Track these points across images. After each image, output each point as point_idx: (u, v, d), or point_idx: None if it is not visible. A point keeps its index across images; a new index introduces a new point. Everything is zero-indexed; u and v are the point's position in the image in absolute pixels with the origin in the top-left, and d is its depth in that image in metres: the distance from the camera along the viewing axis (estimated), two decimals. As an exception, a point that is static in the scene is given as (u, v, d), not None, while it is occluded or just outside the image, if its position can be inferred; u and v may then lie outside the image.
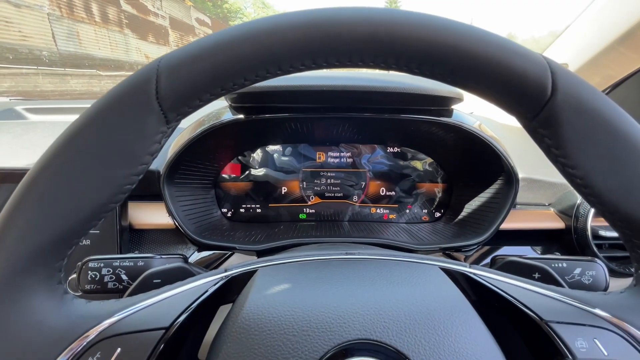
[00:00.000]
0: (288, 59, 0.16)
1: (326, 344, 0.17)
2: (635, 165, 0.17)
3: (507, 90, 0.17)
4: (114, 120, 0.16)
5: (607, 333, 0.19)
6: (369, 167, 0.52)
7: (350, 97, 0.38)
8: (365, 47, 0.16)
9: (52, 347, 0.17)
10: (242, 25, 0.17)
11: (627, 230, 0.19)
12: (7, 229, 0.16)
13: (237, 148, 0.49)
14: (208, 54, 0.16)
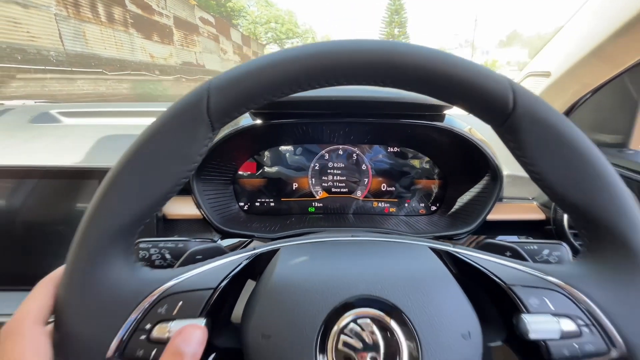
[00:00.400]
0: (305, 81, 0.22)
1: (336, 298, 0.23)
2: (578, 164, 0.22)
3: (479, 104, 0.23)
4: (175, 130, 0.22)
5: (555, 294, 0.24)
6: (371, 166, 0.57)
7: (355, 105, 0.44)
8: (376, 72, 0.22)
9: (132, 300, 0.23)
10: (271, 55, 0.22)
11: (573, 214, 0.24)
12: (98, 214, 0.22)
13: (253, 148, 0.55)
14: (245, 79, 0.22)
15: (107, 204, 0.22)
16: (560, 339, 0.23)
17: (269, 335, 0.22)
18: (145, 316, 0.22)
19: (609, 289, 0.23)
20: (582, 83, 0.49)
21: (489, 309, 0.27)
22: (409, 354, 0.21)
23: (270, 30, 28.42)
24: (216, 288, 0.24)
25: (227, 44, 17.91)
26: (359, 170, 0.57)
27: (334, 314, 0.22)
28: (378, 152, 0.57)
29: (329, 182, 0.57)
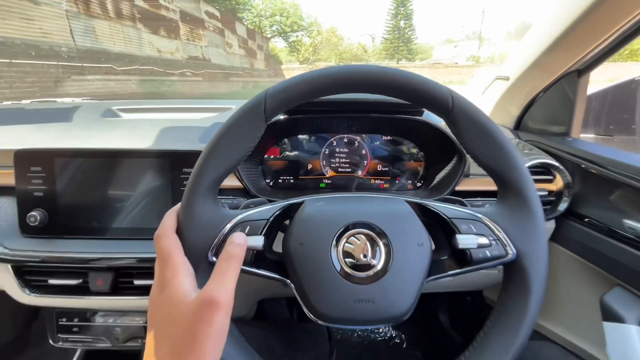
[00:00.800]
0: (324, 91, 0.37)
1: (344, 222, 0.38)
2: (491, 143, 0.37)
3: (432, 104, 0.38)
4: (245, 120, 0.37)
5: (477, 222, 0.39)
6: (369, 150, 0.73)
7: (357, 104, 0.59)
8: (362, 85, 0.37)
9: (221, 222, 0.38)
10: (303, 74, 0.38)
11: (490, 173, 0.39)
12: (201, 171, 0.37)
13: (278, 137, 0.71)
14: (290, 89, 0.37)
15: (206, 165, 0.37)
16: (477, 248, 0.38)
17: (303, 243, 0.38)
18: (228, 233, 0.38)
19: (508, 217, 0.38)
20: (530, 86, 0.64)
21: (441, 238, 0.43)
22: (386, 253, 0.37)
23: (275, 24, 28.19)
24: (268, 219, 0.40)
25: (233, 37, 17.91)
26: (359, 154, 0.73)
27: (343, 231, 0.38)
28: (375, 140, 0.72)
29: (336, 163, 0.73)
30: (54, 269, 0.58)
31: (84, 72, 7.76)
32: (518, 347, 0.36)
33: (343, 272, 0.36)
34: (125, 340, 0.63)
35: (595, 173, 0.58)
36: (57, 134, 0.68)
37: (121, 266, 0.57)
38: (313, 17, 34.67)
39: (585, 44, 0.53)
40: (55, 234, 0.59)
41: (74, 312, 0.63)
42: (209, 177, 0.37)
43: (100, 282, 0.57)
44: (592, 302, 0.57)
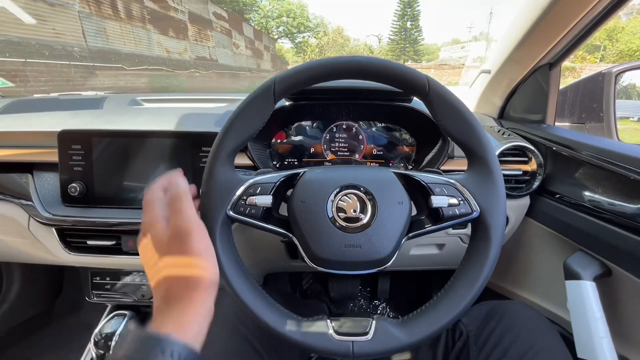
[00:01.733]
0: (323, 77, 0.46)
1: (338, 183, 0.47)
2: (461, 119, 0.45)
3: (411, 88, 0.46)
4: (257, 101, 0.46)
5: (449, 186, 0.47)
6: (366, 136, 0.81)
7: (353, 91, 0.68)
8: (356, 71, 0.45)
9: (236, 184, 0.47)
10: (308, 63, 0.46)
11: (460, 145, 0.47)
12: (221, 141, 0.45)
13: (284, 122, 0.79)
14: (295, 75, 0.46)
15: (226, 137, 0.46)
16: (447, 206, 0.46)
17: (304, 201, 0.47)
18: (243, 192, 0.47)
19: (474, 181, 0.46)
20: (508, 78, 0.73)
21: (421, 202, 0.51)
22: (372, 209, 0.45)
23: (282, 24, 28.29)
24: (275, 183, 0.48)
25: (240, 38, 18.07)
26: (357, 139, 0.81)
27: (337, 191, 0.46)
28: (371, 127, 0.81)
29: (336, 147, 0.82)
30: (91, 232, 0.68)
31: (95, 72, 7.93)
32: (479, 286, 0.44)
33: (336, 224, 0.45)
34: (149, 297, 0.72)
35: (564, 154, 0.66)
36: (91, 119, 0.77)
37: (149, 230, 0.66)
38: (320, 17, 34.86)
39: (550, 38, 0.60)
40: (92, 203, 0.68)
41: (106, 272, 0.72)
42: (228, 147, 0.46)
43: (131, 243, 0.66)
44: (557, 267, 0.65)
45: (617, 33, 21.61)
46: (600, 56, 16.20)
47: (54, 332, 1.21)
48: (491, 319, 0.58)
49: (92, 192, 0.68)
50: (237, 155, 0.69)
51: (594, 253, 0.58)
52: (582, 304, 0.56)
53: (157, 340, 0.29)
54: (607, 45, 21.26)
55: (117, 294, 0.72)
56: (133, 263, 0.69)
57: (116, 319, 0.56)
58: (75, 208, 0.68)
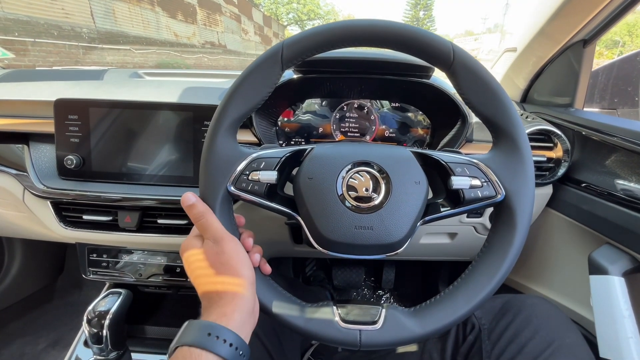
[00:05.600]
0: (336, 43, 0.41)
1: (351, 159, 0.42)
2: (488, 93, 0.40)
3: (434, 57, 0.41)
4: (263, 69, 0.41)
5: (471, 166, 0.43)
6: (378, 116, 0.76)
7: (365, 63, 0.63)
8: (372, 37, 0.40)
9: (239, 158, 0.43)
10: (317, 27, 0.42)
11: (486, 122, 0.43)
12: (223, 111, 0.42)
13: (291, 99, 0.75)
14: (305, 40, 0.41)
15: (229, 104, 0.42)
16: (469, 188, 0.42)
17: (311, 177, 0.43)
18: (245, 167, 0.43)
19: (500, 161, 0.42)
20: (537, 56, 0.67)
21: (439, 184, 0.46)
22: (385, 188, 0.41)
23: (292, 11, 27.89)
24: (281, 158, 0.44)
25: (249, 24, 17.86)
26: (368, 120, 0.77)
27: (349, 167, 0.42)
28: (383, 106, 0.76)
29: (346, 127, 0.77)
30: (87, 207, 0.65)
31: (103, 54, 7.90)
32: (501, 276, 0.40)
33: (346, 203, 0.41)
34: (148, 276, 0.69)
35: (594, 139, 0.61)
36: (91, 89, 0.74)
37: (147, 206, 0.63)
38: (330, 5, 34.18)
39: (587, 11, 0.55)
40: (89, 177, 0.65)
41: (103, 249, 0.70)
42: (231, 116, 0.42)
43: (128, 219, 0.63)
44: (580, 261, 0.60)
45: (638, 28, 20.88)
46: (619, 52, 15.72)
47: (55, 308, 1.20)
48: (507, 313, 0.54)
49: (89, 165, 0.65)
50: (241, 132, 0.65)
51: (624, 246, 0.54)
52: (608, 300, 0.52)
53: (211, 326, 0.33)
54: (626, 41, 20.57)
55: (115, 272, 0.70)
56: (129, 240, 0.66)
57: (110, 296, 0.53)
58: (71, 181, 0.65)
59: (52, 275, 1.26)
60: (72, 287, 1.24)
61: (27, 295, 1.17)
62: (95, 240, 0.67)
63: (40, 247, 1.15)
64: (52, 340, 1.06)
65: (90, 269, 0.70)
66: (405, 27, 0.40)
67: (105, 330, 0.52)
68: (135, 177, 0.65)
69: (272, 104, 0.71)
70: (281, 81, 0.66)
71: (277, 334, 0.54)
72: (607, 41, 14.47)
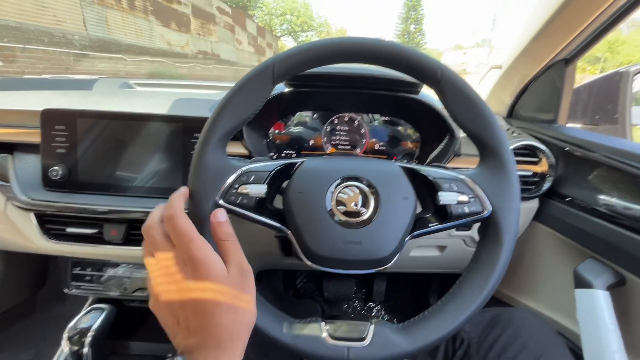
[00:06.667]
0: (326, 59, 0.42)
1: (340, 174, 0.43)
2: (474, 110, 0.41)
3: (423, 74, 0.42)
4: (254, 82, 0.42)
5: (458, 182, 0.43)
6: (368, 129, 0.77)
7: (356, 78, 0.64)
8: (363, 55, 0.41)
9: (229, 171, 0.43)
10: (307, 44, 0.42)
11: (472, 138, 0.43)
12: (213, 124, 0.42)
13: (283, 112, 0.75)
14: (297, 55, 0.42)
15: (219, 118, 0.42)
16: (457, 204, 0.43)
17: (301, 192, 0.43)
18: (235, 180, 0.43)
19: (487, 177, 0.43)
20: (521, 74, 0.69)
21: (427, 199, 0.47)
22: (374, 203, 0.41)
23: (285, 22, 28.26)
24: (270, 171, 0.44)
25: (243, 34, 18.01)
26: (359, 133, 0.77)
27: (338, 182, 0.42)
28: (374, 120, 0.77)
29: (337, 140, 0.78)
30: (72, 219, 0.63)
31: (95, 61, 7.85)
32: (488, 292, 0.40)
33: (335, 217, 0.41)
34: (133, 291, 0.68)
35: (577, 155, 0.63)
36: (79, 99, 0.73)
37: (134, 219, 0.62)
38: (323, 17, 34.80)
39: (568, 31, 0.57)
40: (74, 188, 0.64)
41: (88, 262, 0.68)
42: (221, 129, 0.42)
43: (114, 232, 0.62)
44: (566, 275, 0.61)
45: (619, 45, 21.76)
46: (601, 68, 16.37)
47: (36, 322, 1.16)
48: (495, 327, 0.54)
49: (75, 176, 0.64)
50: (232, 144, 0.64)
51: (608, 260, 0.55)
52: (593, 314, 0.53)
53: None
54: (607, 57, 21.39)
55: (99, 286, 0.68)
56: (115, 254, 0.65)
57: (93, 312, 0.52)
58: (56, 193, 0.64)
59: (33, 288, 1.21)
60: (54, 301, 1.19)
61: (6, 308, 1.12)
62: (79, 253, 0.65)
63: (21, 259, 1.11)
64: (32, 355, 1.02)
65: (73, 283, 0.68)
66: (395, 45, 0.41)
67: (86, 348, 0.50)
68: (122, 188, 0.64)
69: (263, 117, 0.71)
70: (272, 94, 0.67)
71: (266, 351, 0.53)
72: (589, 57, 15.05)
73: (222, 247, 0.37)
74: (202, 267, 0.33)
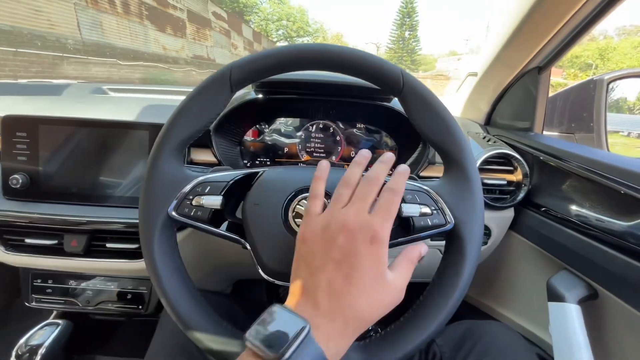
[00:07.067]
0: (289, 65, 0.40)
1: (296, 186, 0.41)
2: (437, 119, 0.40)
3: (384, 82, 0.41)
4: (210, 89, 0.40)
5: (422, 193, 0.42)
6: (343, 137, 0.76)
7: (327, 86, 0.63)
8: (322, 61, 0.40)
9: (183, 181, 0.41)
10: (270, 50, 0.41)
11: (436, 148, 0.42)
12: (167, 134, 0.40)
13: (256, 119, 0.74)
14: (254, 62, 0.41)
15: (174, 125, 0.40)
16: (419, 216, 0.41)
17: (257, 203, 0.41)
18: (190, 191, 0.41)
19: (450, 189, 0.41)
20: (496, 82, 0.68)
21: None
22: None
23: (281, 28, 28.43)
24: (228, 182, 0.42)
25: (238, 39, 18.07)
26: (334, 140, 0.76)
27: (295, 193, 0.41)
28: (349, 127, 0.76)
29: (312, 148, 0.76)
30: (32, 230, 0.61)
31: (89, 65, 7.81)
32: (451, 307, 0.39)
33: (293, 232, 0.39)
34: (96, 304, 0.65)
35: (551, 165, 0.62)
36: (46, 105, 0.71)
37: (95, 229, 0.60)
38: (319, 23, 35.05)
39: (538, 39, 0.56)
40: (36, 198, 0.62)
41: (49, 275, 0.65)
42: (176, 137, 0.40)
43: (74, 243, 0.59)
44: (542, 286, 0.60)
45: (609, 52, 22.17)
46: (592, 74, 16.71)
47: (10, 335, 1.12)
48: (467, 340, 0.53)
49: (37, 185, 0.61)
50: (200, 151, 0.62)
51: (580, 273, 0.54)
52: (565, 328, 0.51)
53: None
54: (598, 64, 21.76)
55: (60, 299, 0.65)
56: (76, 266, 0.62)
57: (47, 328, 0.49)
58: (15, 202, 0.61)
59: (6, 299, 1.18)
60: (24, 313, 1.16)
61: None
62: (39, 265, 0.63)
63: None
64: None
65: (34, 296, 0.65)
66: (355, 52, 0.40)
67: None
68: (85, 198, 0.62)
69: (235, 124, 0.70)
70: (244, 100, 0.65)
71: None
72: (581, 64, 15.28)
73: None
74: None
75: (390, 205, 0.34)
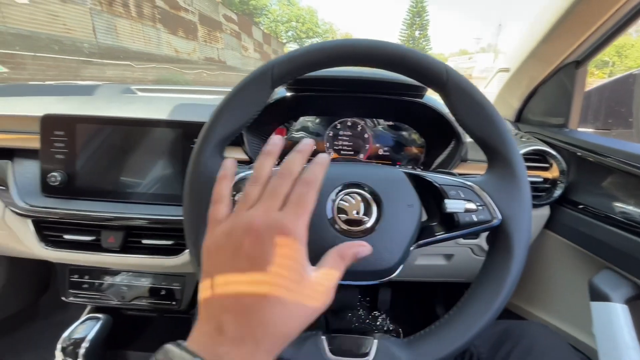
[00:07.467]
0: (331, 61, 0.40)
1: (340, 181, 0.41)
2: (481, 114, 0.39)
3: (428, 78, 0.40)
4: (252, 88, 0.41)
5: (465, 189, 0.41)
6: (372, 134, 0.75)
7: (360, 82, 0.63)
8: (367, 57, 0.40)
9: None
10: (308, 46, 0.41)
11: (480, 144, 0.41)
12: (209, 131, 0.40)
13: (285, 117, 0.74)
14: (297, 58, 0.41)
15: (216, 123, 0.41)
16: (464, 212, 0.40)
17: None
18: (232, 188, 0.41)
19: (496, 185, 0.41)
20: (529, 77, 0.67)
21: (433, 206, 0.45)
22: (377, 211, 0.39)
23: (291, 29, 28.56)
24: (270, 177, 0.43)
25: (249, 41, 18.23)
26: (362, 138, 0.76)
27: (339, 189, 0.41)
28: (378, 125, 0.75)
29: (340, 146, 0.76)
30: (70, 226, 0.62)
31: (103, 68, 7.98)
32: (499, 305, 0.38)
33: (336, 226, 0.39)
34: (131, 299, 0.66)
35: (590, 160, 0.60)
36: (79, 105, 0.72)
37: (132, 226, 0.61)
38: (329, 24, 35.10)
39: (579, 33, 0.55)
40: (73, 195, 0.63)
41: (86, 270, 0.67)
42: (218, 134, 0.40)
43: (112, 239, 0.60)
44: (581, 286, 0.58)
45: (627, 49, 21.57)
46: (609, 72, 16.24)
47: (37, 330, 1.15)
48: (506, 341, 0.51)
49: (74, 182, 0.63)
50: (231, 149, 0.63)
51: (625, 271, 0.52)
52: (611, 329, 0.50)
53: None
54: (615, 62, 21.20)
55: (97, 295, 0.67)
56: (113, 261, 0.63)
57: (88, 322, 0.50)
58: (54, 199, 0.63)
59: (35, 294, 1.21)
60: (57, 308, 1.18)
61: (9, 314, 1.12)
62: (77, 260, 0.64)
63: (23, 265, 1.11)
64: (33, 363, 1.01)
65: (71, 291, 0.67)
66: (400, 48, 0.40)
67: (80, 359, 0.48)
68: (121, 195, 0.63)
69: (264, 122, 0.70)
70: (274, 99, 0.66)
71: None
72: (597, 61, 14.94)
73: None
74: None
75: (304, 198, 0.30)
